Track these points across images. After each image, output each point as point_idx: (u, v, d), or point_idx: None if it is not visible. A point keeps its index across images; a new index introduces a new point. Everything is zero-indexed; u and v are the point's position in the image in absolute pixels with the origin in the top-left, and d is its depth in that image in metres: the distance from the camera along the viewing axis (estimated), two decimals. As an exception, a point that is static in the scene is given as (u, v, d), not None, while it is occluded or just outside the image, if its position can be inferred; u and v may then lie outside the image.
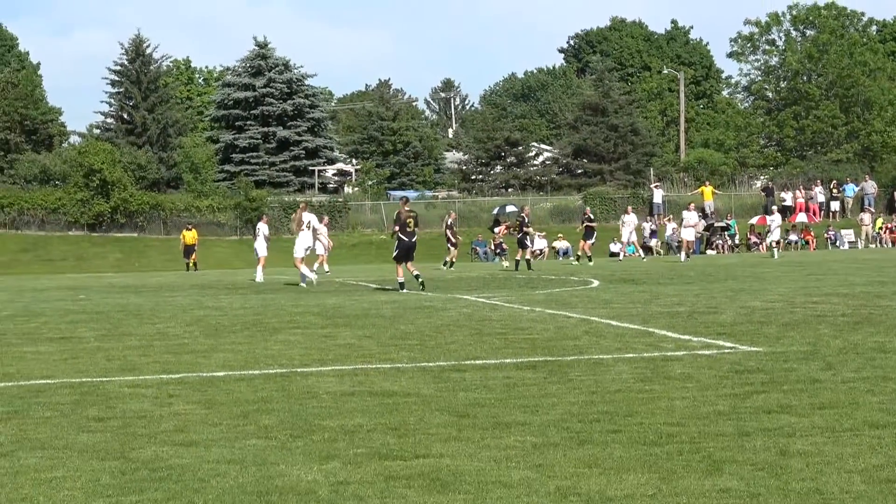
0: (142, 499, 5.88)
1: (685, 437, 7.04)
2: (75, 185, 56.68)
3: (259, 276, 32.48)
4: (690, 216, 41.72)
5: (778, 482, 5.88)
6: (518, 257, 36.90)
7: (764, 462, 6.33)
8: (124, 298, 24.53)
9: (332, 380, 10.02)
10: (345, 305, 19.96)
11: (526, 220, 37.52)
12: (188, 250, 48.62)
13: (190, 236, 48.99)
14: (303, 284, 27.61)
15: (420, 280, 24.68)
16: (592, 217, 43.28)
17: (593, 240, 41.62)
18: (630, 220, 46.64)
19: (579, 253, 41.71)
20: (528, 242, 38.08)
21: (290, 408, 8.52)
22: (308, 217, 29.03)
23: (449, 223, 41.69)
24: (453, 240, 40.99)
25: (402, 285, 24.70)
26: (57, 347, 13.47)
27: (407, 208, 25.38)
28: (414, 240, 24.98)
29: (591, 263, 39.38)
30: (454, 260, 40.78)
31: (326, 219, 41.60)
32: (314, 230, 29.76)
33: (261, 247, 33.81)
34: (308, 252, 29.98)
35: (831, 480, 5.88)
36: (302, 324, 16.06)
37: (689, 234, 41.77)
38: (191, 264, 47.89)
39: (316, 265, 36.05)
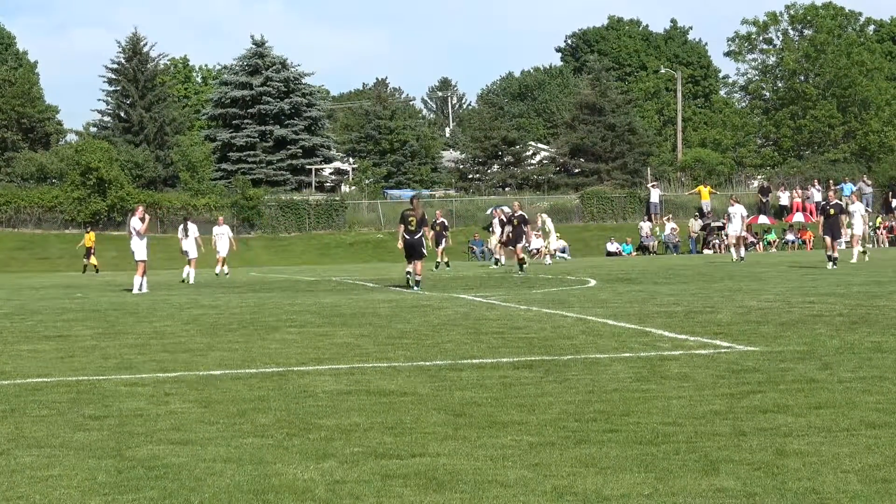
0: (138, 497, 5.88)
1: (682, 437, 7.04)
2: (72, 184, 56.65)
3: (191, 277, 32.14)
4: (738, 209, 38.31)
5: (774, 482, 5.88)
6: (520, 256, 35.39)
7: (760, 462, 6.33)
8: (121, 297, 24.52)
9: (328, 378, 10.01)
10: (342, 304, 19.96)
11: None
12: (88, 252, 47.17)
13: (89, 238, 47.71)
14: (136, 291, 26.25)
15: (416, 284, 24.88)
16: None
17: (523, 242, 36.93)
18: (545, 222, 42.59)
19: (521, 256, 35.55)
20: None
21: (287, 406, 8.52)
22: (134, 222, 27.67)
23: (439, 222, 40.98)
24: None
25: (411, 282, 24.92)
26: (53, 346, 13.46)
27: (411, 208, 25.64)
28: (417, 237, 25.15)
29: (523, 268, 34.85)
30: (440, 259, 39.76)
31: (221, 219, 39.95)
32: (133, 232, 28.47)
33: (191, 247, 33.07)
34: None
35: (828, 480, 5.88)
36: (299, 322, 16.05)
37: (736, 229, 38.37)
38: (90, 266, 46.25)
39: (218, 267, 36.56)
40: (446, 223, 42.45)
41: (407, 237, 25.17)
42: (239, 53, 74.95)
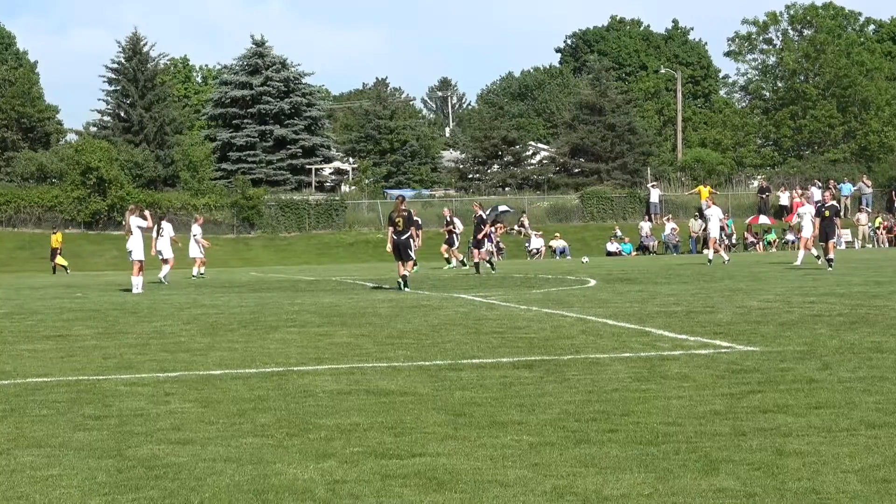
0: (138, 497, 5.88)
1: (681, 437, 7.04)
2: (72, 183, 56.64)
3: (165, 277, 31.43)
4: (715, 211, 37.66)
5: (774, 482, 5.88)
6: (476, 259, 34.50)
7: (760, 462, 6.33)
8: (121, 296, 24.52)
9: (328, 378, 10.01)
10: (341, 304, 19.96)
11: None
12: (53, 253, 47.06)
13: (55, 239, 47.56)
14: (136, 291, 26.03)
15: (402, 284, 24.40)
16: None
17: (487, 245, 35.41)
18: (458, 223, 40.12)
19: (476, 260, 34.88)
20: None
21: (287, 406, 8.52)
22: (136, 221, 27.28)
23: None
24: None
25: (400, 283, 24.70)
26: (53, 345, 13.46)
27: (402, 207, 25.47)
28: (403, 238, 24.90)
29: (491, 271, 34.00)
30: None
31: (200, 219, 38.88)
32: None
33: (165, 247, 31.91)
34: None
35: (828, 480, 5.88)
36: (299, 322, 16.06)
37: (715, 230, 37.46)
38: (57, 266, 46.10)
39: (196, 269, 35.48)
40: (420, 222, 41.79)
41: (394, 238, 25.02)
42: (239, 53, 74.92)
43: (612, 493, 5.72)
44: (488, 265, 34.73)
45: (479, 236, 34.92)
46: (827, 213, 30.69)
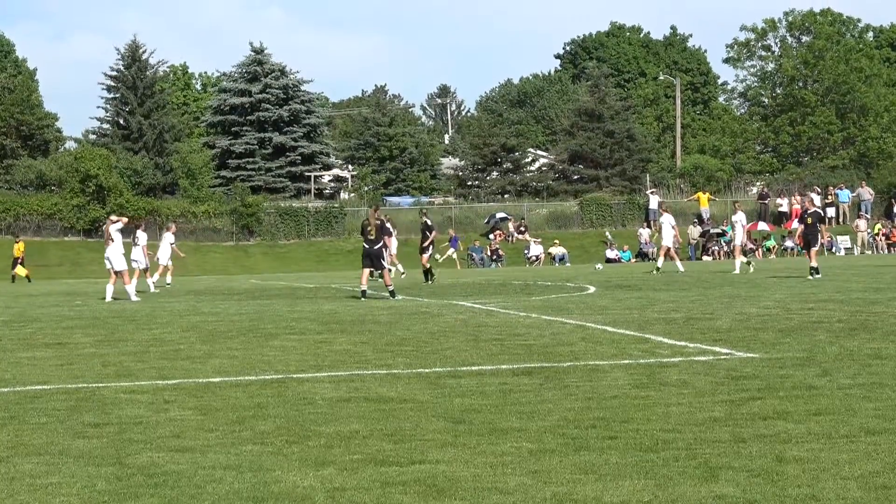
0: (137, 505, 5.88)
1: (681, 444, 7.04)
2: (71, 191, 56.64)
3: (151, 286, 31.01)
4: (668, 217, 36.93)
5: (774, 488, 5.88)
6: (426, 264, 33.84)
7: (760, 468, 6.33)
8: (120, 304, 24.51)
9: (328, 386, 10.01)
10: (341, 311, 19.95)
11: (429, 224, 34.65)
12: (14, 262, 46.90)
13: (17, 248, 47.40)
14: (134, 299, 25.81)
15: (390, 291, 24.34)
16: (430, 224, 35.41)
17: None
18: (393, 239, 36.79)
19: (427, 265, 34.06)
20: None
21: (286, 414, 8.52)
22: (115, 227, 27.01)
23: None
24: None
25: (363, 293, 24.44)
26: (53, 353, 13.45)
27: (376, 216, 25.28)
28: (376, 248, 24.81)
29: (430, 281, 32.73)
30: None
31: (173, 227, 38.03)
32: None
33: (139, 256, 31.89)
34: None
35: (827, 487, 5.88)
36: (298, 330, 16.05)
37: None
38: (17, 276, 46.03)
39: (156, 276, 34.09)
40: (391, 230, 41.08)
41: (366, 246, 24.99)
42: (238, 60, 74.99)
43: (611, 500, 5.72)
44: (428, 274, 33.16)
45: (425, 244, 34.53)
46: (809, 219, 29.80)
